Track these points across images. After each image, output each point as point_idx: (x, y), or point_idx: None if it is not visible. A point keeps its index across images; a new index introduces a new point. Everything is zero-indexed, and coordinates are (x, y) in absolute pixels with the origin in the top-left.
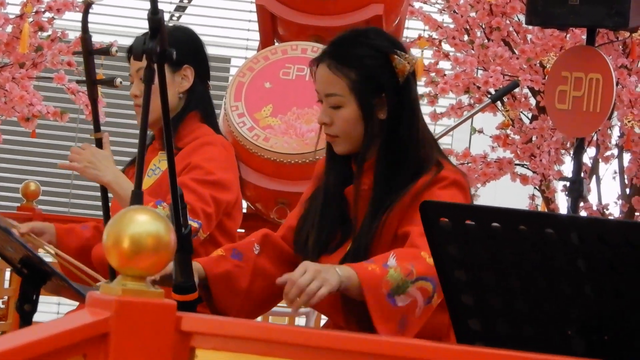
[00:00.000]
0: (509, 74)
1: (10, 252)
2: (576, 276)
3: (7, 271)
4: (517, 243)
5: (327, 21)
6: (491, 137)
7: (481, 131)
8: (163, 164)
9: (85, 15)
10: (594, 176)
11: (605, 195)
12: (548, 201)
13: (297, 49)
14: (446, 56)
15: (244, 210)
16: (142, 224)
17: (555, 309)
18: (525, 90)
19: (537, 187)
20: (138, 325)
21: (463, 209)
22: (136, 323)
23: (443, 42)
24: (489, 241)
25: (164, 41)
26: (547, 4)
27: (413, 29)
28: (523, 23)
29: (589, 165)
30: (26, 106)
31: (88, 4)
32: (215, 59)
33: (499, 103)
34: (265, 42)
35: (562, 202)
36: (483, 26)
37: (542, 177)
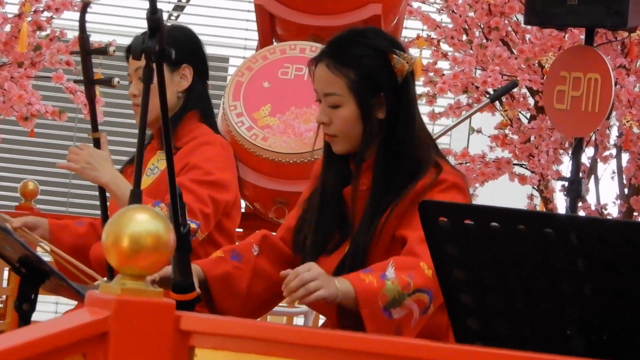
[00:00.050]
0: (508, 74)
1: (8, 252)
2: (575, 276)
3: (6, 270)
4: (516, 243)
5: (326, 21)
6: (489, 137)
7: (479, 131)
8: (161, 164)
9: (82, 15)
10: (593, 176)
11: (603, 195)
12: (546, 201)
13: (296, 49)
14: (445, 56)
15: (243, 209)
16: (142, 223)
17: (554, 309)
18: (523, 90)
19: (536, 187)
20: (137, 324)
21: (462, 209)
22: (135, 322)
23: (441, 42)
24: (488, 241)
25: (163, 40)
26: (546, 4)
27: (411, 29)
28: (522, 23)
29: (588, 165)
30: (25, 105)
31: (85, 4)
32: (213, 59)
33: (498, 103)
34: (263, 42)
35: (561, 202)
36: (482, 26)
37: (541, 177)
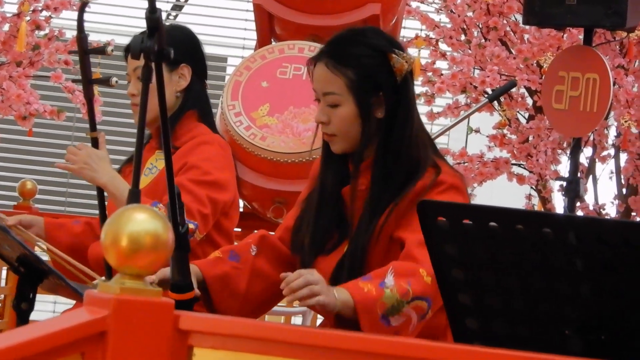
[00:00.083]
0: (506, 74)
1: (7, 251)
2: (574, 276)
3: (4, 269)
4: (515, 243)
5: (325, 20)
6: (488, 137)
7: (478, 131)
8: (160, 163)
9: (80, 14)
10: (591, 176)
11: (601, 195)
12: (544, 201)
13: (294, 48)
14: (443, 56)
15: (241, 209)
16: (141, 223)
17: (552, 309)
18: (522, 90)
19: (534, 187)
20: (136, 323)
21: (461, 209)
22: (134, 321)
23: (440, 42)
24: (487, 241)
25: (162, 40)
26: (545, 4)
27: (410, 29)
28: (520, 23)
29: (586, 165)
30: (23, 105)
31: (84, 3)
32: (212, 58)
33: (496, 103)
34: (262, 41)
35: (559, 202)
36: (480, 26)
37: (539, 177)
